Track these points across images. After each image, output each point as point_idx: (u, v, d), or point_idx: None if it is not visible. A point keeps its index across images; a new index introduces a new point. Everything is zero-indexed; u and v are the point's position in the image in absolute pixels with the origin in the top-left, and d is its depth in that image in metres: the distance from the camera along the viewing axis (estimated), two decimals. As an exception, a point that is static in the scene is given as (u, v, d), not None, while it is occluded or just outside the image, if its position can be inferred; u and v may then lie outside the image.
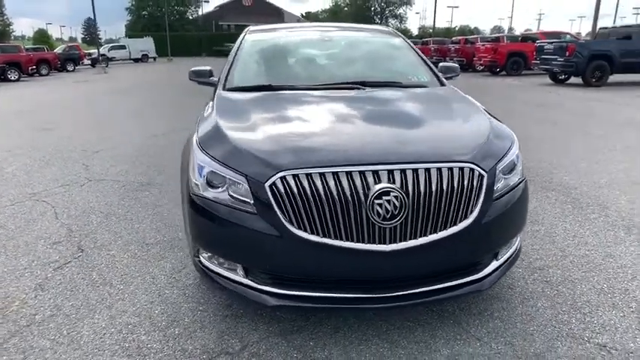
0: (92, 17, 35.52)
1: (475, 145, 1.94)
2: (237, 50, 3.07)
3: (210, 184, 1.91)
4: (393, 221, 1.69)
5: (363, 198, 1.68)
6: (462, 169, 1.79)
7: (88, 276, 2.56)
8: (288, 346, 1.94)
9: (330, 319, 2.12)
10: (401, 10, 66.57)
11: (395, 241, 1.71)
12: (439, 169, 1.76)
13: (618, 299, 2.27)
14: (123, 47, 37.97)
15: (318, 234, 1.70)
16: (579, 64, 12.73)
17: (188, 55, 49.91)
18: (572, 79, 14.17)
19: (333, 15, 68.99)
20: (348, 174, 1.71)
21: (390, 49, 3.27)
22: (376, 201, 1.67)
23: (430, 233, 1.74)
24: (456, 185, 1.76)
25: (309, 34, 3.42)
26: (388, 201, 1.67)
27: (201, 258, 2.03)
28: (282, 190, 1.72)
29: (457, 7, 62.93)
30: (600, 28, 15.96)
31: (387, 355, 1.89)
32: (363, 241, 1.70)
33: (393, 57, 3.20)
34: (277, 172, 1.74)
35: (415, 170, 1.74)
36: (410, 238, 1.72)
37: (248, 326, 2.08)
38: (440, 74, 3.00)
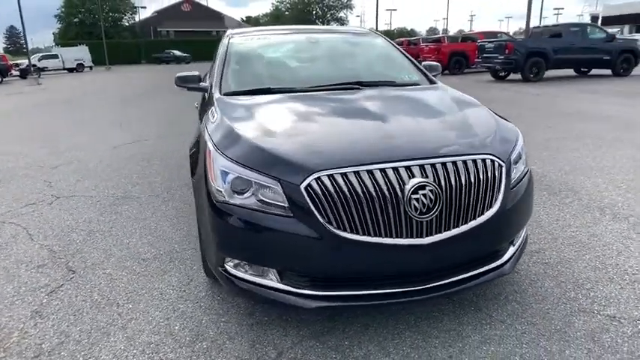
0: (15, 25, 33.00)
1: (490, 137, 2.04)
2: (226, 55, 3.00)
3: (235, 191, 1.86)
4: (429, 214, 1.73)
5: (400, 193, 1.71)
6: (484, 160, 1.88)
7: (88, 297, 2.40)
8: (324, 348, 1.93)
9: (357, 317, 2.13)
10: (342, 14, 67.86)
11: (431, 234, 1.76)
12: (465, 162, 1.84)
13: (612, 274, 2.47)
14: (55, 56, 35.58)
15: (357, 232, 1.71)
16: (518, 61, 13.62)
17: (126, 63, 47.78)
18: (512, 76, 15.12)
19: (275, 19, 68.95)
20: (382, 171, 1.74)
21: (376, 49, 3.35)
22: (413, 196, 1.71)
23: (462, 224, 1.81)
24: (481, 176, 1.84)
25: (294, 37, 3.41)
26: (424, 195, 1.72)
27: (227, 267, 1.97)
28: (319, 191, 1.71)
29: (395, 9, 65.12)
30: (533, 27, 17.18)
31: (423, 346, 1.93)
32: (401, 236, 1.73)
33: (381, 57, 3.27)
34: (311, 174, 1.73)
35: (444, 164, 1.80)
36: (444, 230, 1.78)
37: (278, 332, 2.05)
38: (428, 73, 3.11)
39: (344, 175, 1.73)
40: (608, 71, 14.63)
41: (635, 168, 4.39)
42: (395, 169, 1.75)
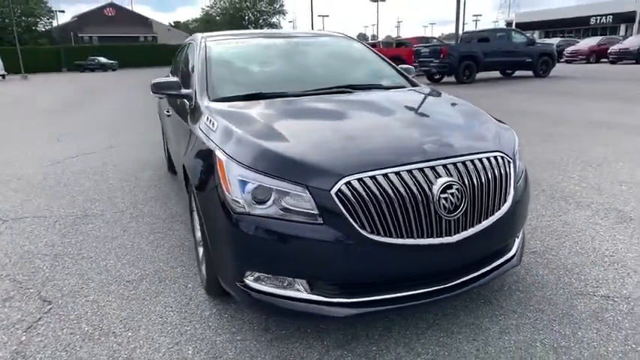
0: None
1: (495, 135, 2.13)
2: (206, 60, 2.85)
3: (255, 200, 1.77)
4: (455, 213, 1.76)
5: (429, 193, 1.72)
6: (496, 157, 1.95)
7: (77, 329, 2.15)
8: (353, 356, 1.89)
9: (377, 321, 2.12)
10: (274, 19, 67.80)
11: (458, 232, 1.79)
12: (481, 160, 1.89)
13: (594, 257, 2.67)
14: (-43, 65, 31.96)
15: (390, 235, 1.70)
16: (452, 64, 14.45)
17: (45, 70, 44.09)
18: (446, 78, 15.99)
19: (206, 24, 67.31)
20: (409, 172, 1.75)
21: (356, 53, 3.36)
22: (442, 195, 1.73)
23: (483, 220, 1.86)
24: (496, 173, 1.91)
25: (272, 41, 3.33)
26: (452, 194, 1.75)
27: (247, 281, 1.86)
28: (350, 196, 1.68)
29: (327, 15, 66.27)
30: (463, 33, 18.30)
31: (449, 342, 1.96)
32: (431, 236, 1.74)
33: (363, 60, 3.29)
34: (341, 178, 1.69)
35: (464, 163, 1.85)
36: (468, 227, 1.82)
37: (301, 346, 1.97)
38: (409, 75, 3.18)
39: (373, 178, 1.71)
40: (530, 73, 15.97)
41: (583, 161, 4.81)
42: (421, 170, 1.76)
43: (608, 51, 22.65)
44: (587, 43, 25.07)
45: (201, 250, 2.55)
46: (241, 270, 1.86)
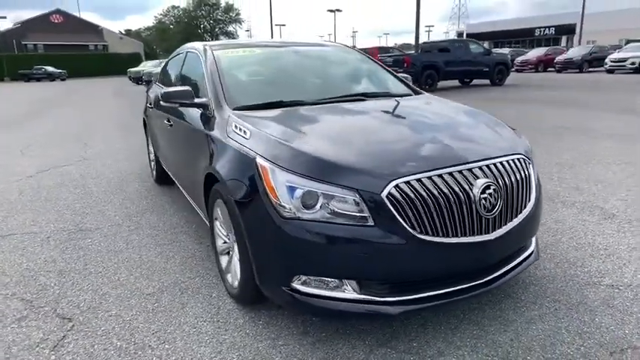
0: None
1: (513, 139, 2.29)
2: (218, 69, 2.85)
3: (304, 205, 1.81)
4: (493, 212, 1.89)
5: (471, 194, 1.84)
6: (519, 159, 2.10)
7: (109, 345, 2.09)
8: (398, 352, 1.96)
9: (410, 319, 2.20)
10: (231, 28, 67.28)
11: (495, 230, 1.91)
12: (508, 162, 2.04)
13: (590, 251, 2.89)
14: None
15: (438, 234, 1.80)
16: (416, 73, 14.92)
17: (-14, 80, 41.40)
18: (409, 87, 16.50)
19: (162, 33, 65.82)
20: (450, 174, 1.86)
21: (357, 61, 3.47)
22: (481, 195, 1.85)
23: (514, 218, 2.00)
24: (522, 173, 2.06)
25: (279, 50, 3.37)
26: (490, 194, 1.87)
27: (295, 285, 1.89)
28: (400, 198, 1.76)
29: (284, 25, 66.61)
30: (423, 43, 19.02)
31: (483, 335, 2.07)
32: (473, 234, 1.86)
33: (366, 69, 3.40)
34: (390, 181, 1.77)
35: (495, 165, 1.98)
36: (502, 225, 1.95)
37: (345, 347, 2.02)
38: (410, 83, 3.33)
39: (419, 180, 1.80)
40: (487, 81, 16.83)
41: (557, 163, 5.16)
42: (460, 172, 1.88)
43: (555, 61, 24.26)
44: (535, 53, 26.74)
45: (224, 258, 2.55)
46: (290, 274, 1.89)
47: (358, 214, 1.77)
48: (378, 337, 2.08)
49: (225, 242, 2.55)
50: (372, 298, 1.84)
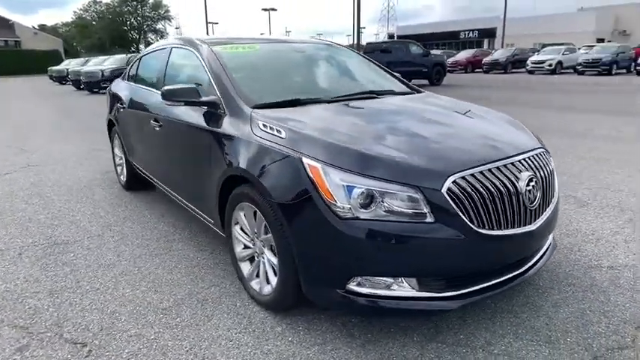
0: None
1: (530, 133, 2.40)
2: (222, 66, 2.69)
3: (361, 204, 1.77)
4: (534, 203, 1.97)
5: (518, 186, 1.91)
6: (543, 152, 2.22)
7: (142, 368, 1.90)
8: (448, 346, 1.98)
9: (449, 313, 2.22)
10: (160, 25, 64.32)
11: (535, 220, 2.00)
12: (538, 155, 2.14)
13: (580, 237, 3.13)
14: None
15: (492, 227, 1.84)
16: (362, 73, 15.28)
17: None
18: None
19: (83, 29, 61.30)
20: (497, 169, 1.91)
21: (355, 60, 3.46)
22: (526, 187, 1.92)
23: (547, 208, 2.10)
24: (549, 165, 2.18)
25: (278, 47, 3.24)
26: (533, 186, 1.95)
27: (350, 286, 1.84)
28: (459, 193, 1.78)
29: (217, 23, 64.91)
30: (366, 44, 19.46)
31: (520, 322, 2.15)
32: (521, 225, 1.93)
33: (364, 67, 3.40)
34: (448, 177, 1.79)
35: (531, 158, 2.07)
36: (540, 215, 2.04)
37: (395, 345, 2.00)
38: (406, 81, 3.38)
39: (473, 175, 1.83)
40: (426, 81, 17.61)
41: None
42: (505, 166, 1.94)
43: (482, 62, 25.98)
44: (464, 55, 28.47)
45: (245, 265, 2.44)
46: (347, 276, 1.83)
47: (415, 211, 1.76)
48: (424, 333, 2.09)
49: (246, 248, 2.43)
50: (431, 294, 1.84)
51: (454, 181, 1.79)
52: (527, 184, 1.93)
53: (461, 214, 1.77)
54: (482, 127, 2.35)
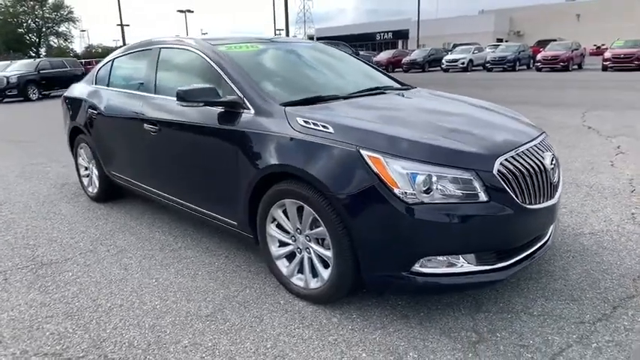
0: None
1: (529, 120, 2.70)
2: (236, 66, 2.65)
3: (423, 189, 1.89)
4: (555, 178, 2.24)
5: (544, 164, 2.15)
6: (547, 136, 2.51)
7: (215, 374, 1.84)
8: (494, 314, 2.18)
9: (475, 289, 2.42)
10: (63, 28, 58.96)
11: (555, 194, 2.26)
12: (545, 138, 2.42)
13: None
14: None
15: (532, 202, 2.06)
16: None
17: None
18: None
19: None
20: (528, 150, 2.15)
21: (349, 58, 3.57)
22: (550, 165, 2.18)
23: (559, 183, 2.38)
24: (552, 147, 2.47)
25: (274, 47, 3.21)
26: (554, 164, 2.22)
27: (416, 268, 1.96)
28: (506, 173, 1.97)
29: (128, 25, 61.12)
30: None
31: (541, 287, 2.41)
32: (548, 199, 2.18)
33: (359, 65, 3.52)
34: (496, 160, 1.97)
35: (544, 140, 2.35)
36: (557, 189, 2.31)
37: (450, 319, 2.15)
38: (396, 78, 3.56)
39: (512, 157, 2.04)
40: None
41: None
42: (532, 148, 2.18)
43: (402, 62, 27.45)
44: (385, 55, 29.82)
45: (283, 263, 2.45)
46: (414, 258, 1.94)
47: (471, 192, 1.92)
48: (467, 306, 2.26)
49: (282, 246, 2.44)
50: (486, 267, 2.01)
51: (501, 163, 1.98)
52: (551, 162, 2.20)
53: (510, 191, 1.96)
54: (497, 117, 2.59)
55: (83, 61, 22.88)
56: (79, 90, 4.15)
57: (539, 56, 22.68)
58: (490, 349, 1.94)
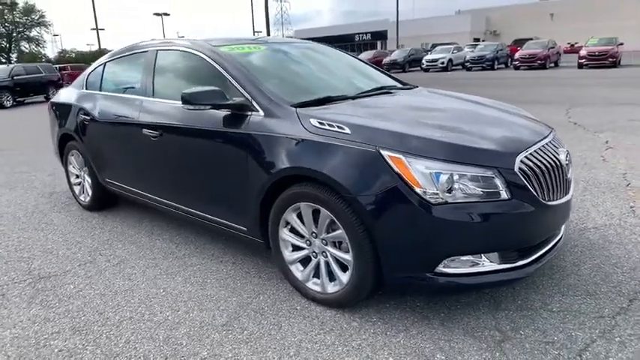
0: None
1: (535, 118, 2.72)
2: (242, 67, 2.59)
3: (446, 189, 1.88)
4: (569, 175, 2.25)
5: (560, 160, 2.16)
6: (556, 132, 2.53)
7: (241, 386, 1.77)
8: (514, 312, 2.17)
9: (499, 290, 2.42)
10: (35, 33, 57.30)
11: (569, 189, 2.28)
12: (556, 134, 2.44)
13: (557, 205, 3.58)
14: None
15: (551, 198, 2.07)
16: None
17: None
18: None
19: None
20: (544, 146, 2.15)
21: (352, 59, 3.54)
22: (565, 161, 2.19)
23: (571, 179, 2.40)
24: (564, 143, 2.50)
25: (272, 47, 3.15)
26: (568, 160, 2.23)
27: (440, 269, 1.93)
28: (526, 170, 1.97)
29: (103, 29, 59.86)
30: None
31: (556, 283, 2.42)
32: (564, 195, 2.19)
33: (363, 65, 3.49)
34: (516, 157, 1.97)
35: (555, 136, 2.36)
36: (571, 185, 2.33)
37: (470, 319, 2.13)
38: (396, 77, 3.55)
39: (531, 154, 2.04)
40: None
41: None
42: (548, 144, 2.19)
43: (383, 62, 27.63)
44: (365, 55, 29.97)
45: (297, 267, 2.40)
46: (438, 258, 1.92)
47: (493, 190, 1.91)
48: (486, 305, 2.25)
49: (295, 250, 2.39)
50: (509, 265, 2.00)
51: (521, 160, 1.98)
52: (565, 158, 2.21)
53: (530, 188, 1.96)
54: (508, 115, 2.59)
55: (58, 66, 22.26)
56: (67, 95, 4.00)
57: (517, 55, 23.15)
58: (516, 347, 1.93)
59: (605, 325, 2.04)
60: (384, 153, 1.94)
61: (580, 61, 20.84)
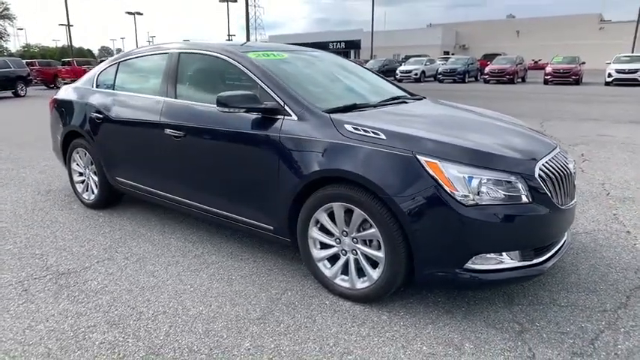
0: None
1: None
2: (273, 73, 2.70)
3: (477, 192, 2.06)
4: (575, 182, 2.50)
5: (570, 169, 2.40)
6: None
7: (290, 374, 1.88)
8: (528, 306, 2.38)
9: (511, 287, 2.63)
10: (-3, 26, 54.59)
11: (574, 195, 2.52)
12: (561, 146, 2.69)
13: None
14: None
15: (564, 203, 2.30)
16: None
17: None
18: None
19: None
20: (556, 156, 2.39)
21: (363, 69, 3.72)
22: (573, 170, 2.44)
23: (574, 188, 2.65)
24: (567, 153, 2.75)
25: (294, 55, 3.27)
26: (575, 168, 2.47)
27: (469, 265, 2.11)
28: (544, 176, 2.19)
29: (72, 25, 57.86)
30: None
31: (559, 281, 2.66)
32: (572, 200, 2.43)
33: (376, 75, 3.67)
34: (536, 164, 2.19)
35: (561, 148, 2.60)
36: (575, 191, 2.57)
37: (490, 312, 2.32)
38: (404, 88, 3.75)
39: (547, 162, 2.27)
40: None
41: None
42: (558, 154, 2.43)
43: (359, 71, 28.12)
44: (342, 64, 30.41)
45: (325, 265, 2.52)
46: (468, 256, 2.10)
47: (516, 194, 2.12)
48: (501, 300, 2.45)
49: (324, 248, 2.52)
50: (528, 262, 2.21)
51: (540, 167, 2.20)
52: (573, 167, 2.45)
53: (547, 192, 2.18)
54: (518, 128, 2.81)
55: (25, 61, 21.39)
56: (74, 93, 3.97)
57: (487, 69, 24.13)
58: (535, 337, 2.13)
59: (610, 317, 2.28)
60: (421, 158, 2.11)
61: (546, 77, 21.97)
